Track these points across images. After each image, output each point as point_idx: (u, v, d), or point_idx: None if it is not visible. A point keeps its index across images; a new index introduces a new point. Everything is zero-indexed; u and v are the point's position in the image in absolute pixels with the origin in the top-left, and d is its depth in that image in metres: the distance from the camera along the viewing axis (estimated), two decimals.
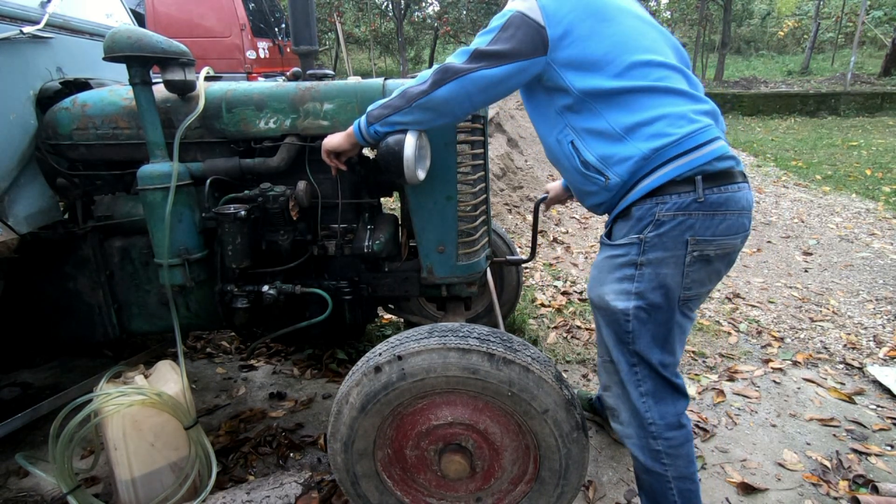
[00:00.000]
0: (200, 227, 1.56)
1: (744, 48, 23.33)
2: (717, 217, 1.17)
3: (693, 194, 1.15)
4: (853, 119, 11.24)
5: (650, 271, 1.19)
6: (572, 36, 1.17)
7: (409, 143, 1.27)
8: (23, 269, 1.63)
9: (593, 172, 1.23)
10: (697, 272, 1.20)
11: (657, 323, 1.22)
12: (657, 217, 1.17)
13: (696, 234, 1.16)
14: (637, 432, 1.30)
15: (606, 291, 1.26)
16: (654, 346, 1.24)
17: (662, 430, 1.27)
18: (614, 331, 1.27)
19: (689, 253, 1.17)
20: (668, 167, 1.16)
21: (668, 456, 1.28)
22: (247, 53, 7.75)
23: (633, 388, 1.28)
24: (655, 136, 1.16)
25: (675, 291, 1.20)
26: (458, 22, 15.93)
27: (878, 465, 1.85)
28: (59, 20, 1.73)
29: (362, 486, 1.38)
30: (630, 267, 1.21)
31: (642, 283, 1.20)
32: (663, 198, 1.16)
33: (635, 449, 1.32)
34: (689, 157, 1.15)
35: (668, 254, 1.17)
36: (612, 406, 1.35)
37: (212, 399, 2.24)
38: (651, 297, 1.20)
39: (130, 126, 1.56)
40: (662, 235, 1.17)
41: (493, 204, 3.87)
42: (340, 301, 1.68)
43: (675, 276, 1.19)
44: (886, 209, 5.02)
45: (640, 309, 1.21)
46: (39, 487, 1.72)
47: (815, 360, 2.57)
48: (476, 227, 1.68)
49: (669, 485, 1.30)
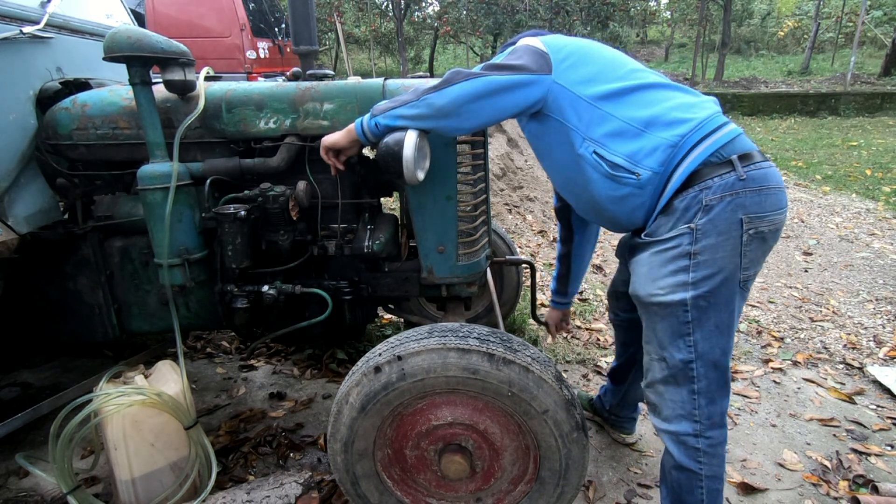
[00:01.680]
0: (200, 227, 1.56)
1: (744, 48, 23.32)
2: (763, 192, 1.17)
3: (734, 174, 1.15)
4: (853, 119, 11.24)
5: (706, 258, 1.17)
6: (572, 59, 1.28)
7: (409, 143, 1.27)
8: (23, 269, 1.63)
9: (623, 172, 1.23)
10: (754, 251, 1.19)
11: (718, 309, 1.21)
12: (705, 203, 1.16)
13: (748, 213, 1.16)
14: (680, 429, 1.29)
15: (660, 286, 1.23)
16: (719, 335, 1.22)
17: (706, 429, 1.26)
18: (671, 325, 1.24)
19: (745, 232, 1.17)
20: (698, 150, 1.18)
21: (705, 455, 1.27)
22: (247, 53, 7.75)
23: (685, 386, 1.26)
24: (674, 123, 1.20)
25: (736, 273, 1.19)
26: (458, 22, 15.92)
27: (878, 465, 1.85)
28: (59, 20, 1.73)
29: (362, 486, 1.38)
30: (684, 258, 1.19)
31: (699, 271, 1.18)
32: (706, 182, 1.16)
33: (673, 445, 1.31)
34: (714, 137, 1.18)
35: (722, 237, 1.16)
36: (655, 402, 1.33)
37: (212, 399, 2.24)
38: (709, 284, 1.18)
39: (130, 126, 1.56)
40: (714, 220, 1.16)
41: (493, 204, 3.87)
42: (340, 301, 1.68)
43: (734, 258, 1.18)
44: (886, 209, 5.03)
45: (698, 298, 1.19)
46: (39, 487, 1.72)
47: (815, 360, 2.57)
48: (476, 227, 1.68)
49: (700, 483, 1.30)
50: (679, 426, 1.28)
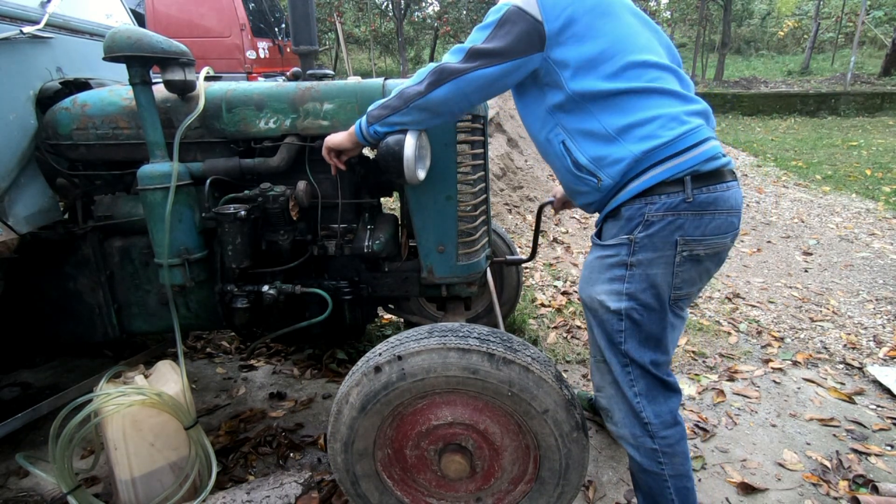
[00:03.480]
0: (200, 227, 1.56)
1: (744, 48, 23.33)
2: (706, 217, 1.17)
3: (682, 194, 1.15)
4: (853, 119, 11.24)
5: (640, 272, 1.19)
6: (570, 31, 1.16)
7: (409, 143, 1.27)
8: (23, 269, 1.63)
9: (585, 174, 1.23)
10: (687, 272, 1.20)
11: (649, 323, 1.22)
12: (646, 217, 1.17)
13: (685, 235, 1.16)
14: (632, 432, 1.30)
15: (598, 291, 1.26)
16: (646, 347, 1.24)
17: (658, 429, 1.27)
18: (606, 331, 1.27)
19: (678, 253, 1.17)
20: (658, 168, 1.16)
21: (664, 454, 1.28)
22: (247, 53, 7.74)
23: (626, 388, 1.27)
24: (647, 137, 1.15)
25: (666, 291, 1.20)
26: (458, 22, 15.92)
27: (878, 465, 1.85)
28: (59, 20, 1.73)
29: (362, 486, 1.38)
30: (621, 267, 1.21)
31: (633, 283, 1.20)
32: (652, 198, 1.17)
33: (631, 449, 1.32)
34: (680, 158, 1.15)
35: (657, 254, 1.18)
36: (606, 407, 1.34)
37: (212, 399, 2.24)
38: (642, 297, 1.20)
39: (130, 126, 1.56)
40: (652, 236, 1.17)
41: (493, 204, 3.87)
42: (340, 301, 1.68)
43: (666, 276, 1.19)
44: (886, 209, 5.02)
45: (632, 309, 1.21)
46: (39, 487, 1.72)
47: (815, 360, 2.57)
48: (476, 227, 1.68)
49: (666, 483, 1.30)
50: (632, 429, 1.29)
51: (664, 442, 1.28)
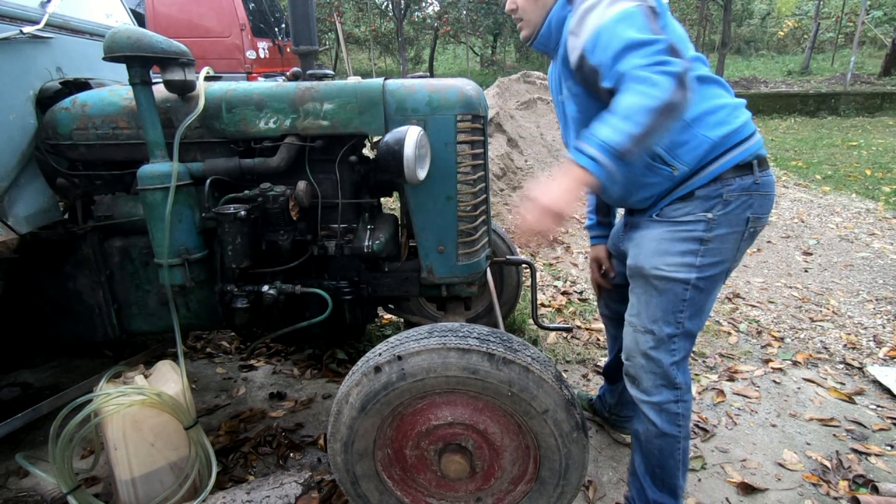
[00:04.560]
0: (200, 227, 1.56)
1: (744, 48, 23.31)
2: (766, 197, 1.30)
3: (752, 177, 1.27)
4: (853, 119, 11.24)
5: (715, 246, 1.28)
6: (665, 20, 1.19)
7: (409, 142, 1.27)
8: (23, 269, 1.63)
9: (660, 164, 1.29)
10: (746, 246, 1.33)
11: (709, 293, 1.33)
12: (725, 197, 1.26)
13: (754, 212, 1.29)
14: (662, 398, 1.37)
15: (667, 262, 1.31)
16: (698, 316, 1.34)
17: (684, 393, 1.38)
18: (668, 300, 1.32)
19: (748, 229, 1.30)
20: (732, 153, 1.25)
21: (683, 417, 1.38)
22: (247, 53, 7.74)
23: (666, 357, 1.35)
24: (720, 123, 1.25)
25: (728, 263, 1.32)
26: (458, 22, 15.92)
27: (878, 465, 1.85)
28: (59, 20, 1.73)
29: (362, 486, 1.38)
30: (695, 242, 1.29)
31: (706, 257, 1.29)
32: (728, 180, 1.26)
33: (655, 414, 1.38)
34: (748, 143, 1.27)
35: (731, 230, 1.28)
36: (635, 375, 1.41)
37: (212, 399, 2.24)
38: (711, 270, 1.30)
39: (130, 126, 1.56)
40: (729, 214, 1.27)
41: (493, 204, 3.87)
42: (340, 301, 1.68)
43: (732, 250, 1.31)
44: (886, 209, 5.02)
45: (700, 279, 1.30)
46: (39, 487, 1.72)
47: (815, 360, 2.57)
48: (476, 227, 1.68)
49: (678, 445, 1.39)
50: (661, 396, 1.37)
51: (686, 406, 1.38)
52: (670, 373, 1.36)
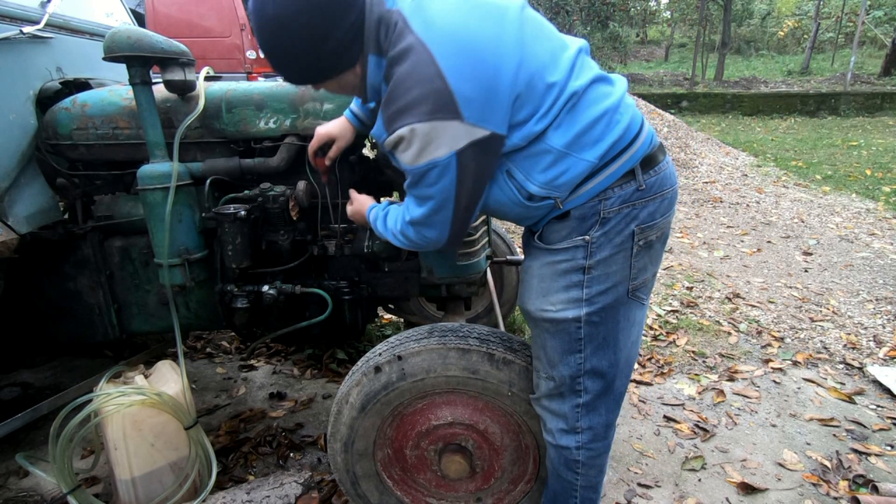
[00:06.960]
0: (200, 227, 1.56)
1: (744, 48, 23.33)
2: (656, 200, 1.12)
3: (634, 183, 1.10)
4: (853, 119, 11.25)
5: (600, 272, 1.12)
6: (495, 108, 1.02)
7: None
8: (23, 269, 1.63)
9: (538, 201, 1.12)
10: (642, 259, 1.15)
11: (608, 324, 1.15)
12: (602, 215, 1.10)
13: (640, 223, 1.11)
14: (563, 443, 1.23)
15: (551, 301, 1.15)
16: (604, 350, 1.17)
17: (588, 442, 1.22)
18: (562, 342, 1.17)
19: (635, 244, 1.12)
20: (613, 166, 1.09)
21: (583, 466, 1.24)
22: (247, 53, 7.73)
23: (570, 400, 1.20)
24: (596, 141, 1.07)
25: (625, 286, 1.14)
26: None
27: (878, 465, 1.85)
28: (59, 20, 1.73)
29: (362, 486, 1.39)
30: (578, 272, 1.12)
31: (593, 286, 1.12)
32: (605, 193, 1.09)
33: (556, 455, 1.26)
34: (631, 149, 1.10)
35: (615, 250, 1.11)
36: (541, 416, 1.26)
37: (212, 399, 2.24)
38: (603, 299, 1.13)
39: (130, 126, 1.56)
40: (609, 232, 1.10)
41: None
42: (340, 301, 1.68)
43: (624, 271, 1.13)
44: (886, 209, 5.03)
45: (592, 314, 1.13)
46: (39, 487, 1.72)
47: (815, 360, 2.57)
48: (476, 227, 1.68)
49: (575, 493, 1.27)
50: (562, 440, 1.23)
51: (589, 454, 1.23)
52: (573, 417, 1.20)
